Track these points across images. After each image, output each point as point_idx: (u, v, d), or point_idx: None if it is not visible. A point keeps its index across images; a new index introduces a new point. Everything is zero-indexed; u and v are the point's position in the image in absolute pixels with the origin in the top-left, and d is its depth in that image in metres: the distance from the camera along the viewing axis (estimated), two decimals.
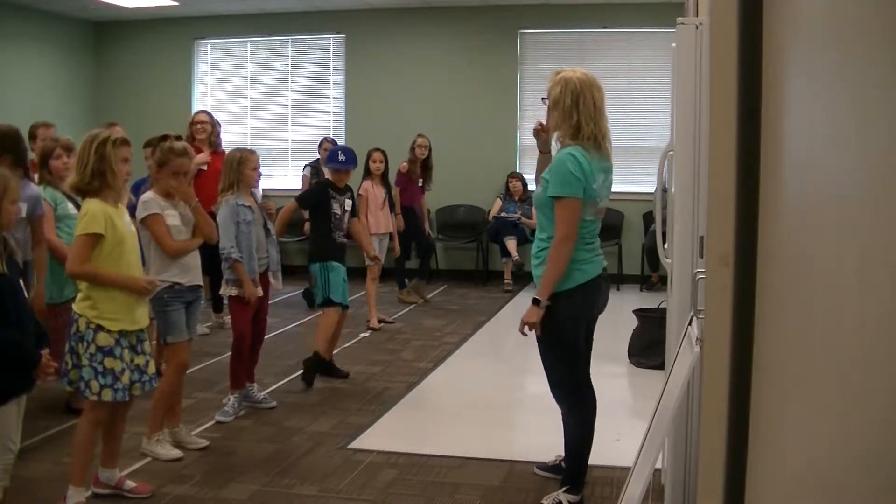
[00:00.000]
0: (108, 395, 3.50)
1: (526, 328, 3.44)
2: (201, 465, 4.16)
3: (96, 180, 3.52)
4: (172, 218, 4.20)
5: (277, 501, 3.76)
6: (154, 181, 4.35)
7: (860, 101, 0.95)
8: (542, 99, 3.63)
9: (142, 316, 3.68)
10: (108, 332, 3.51)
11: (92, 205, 3.51)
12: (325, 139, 8.99)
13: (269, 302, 5.31)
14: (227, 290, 4.87)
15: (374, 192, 7.43)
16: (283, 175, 10.42)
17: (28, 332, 3.22)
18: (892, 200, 0.83)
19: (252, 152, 4.99)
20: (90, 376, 3.49)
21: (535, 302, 3.41)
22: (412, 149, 8.40)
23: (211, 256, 6.88)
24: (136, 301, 3.65)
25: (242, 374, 4.97)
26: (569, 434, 3.68)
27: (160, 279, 4.06)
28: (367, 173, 7.52)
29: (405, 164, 8.31)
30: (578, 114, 3.43)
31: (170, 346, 4.32)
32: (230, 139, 10.04)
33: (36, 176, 4.92)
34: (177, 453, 4.20)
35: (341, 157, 5.84)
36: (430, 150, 8.45)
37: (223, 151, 7.31)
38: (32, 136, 5.71)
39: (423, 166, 8.43)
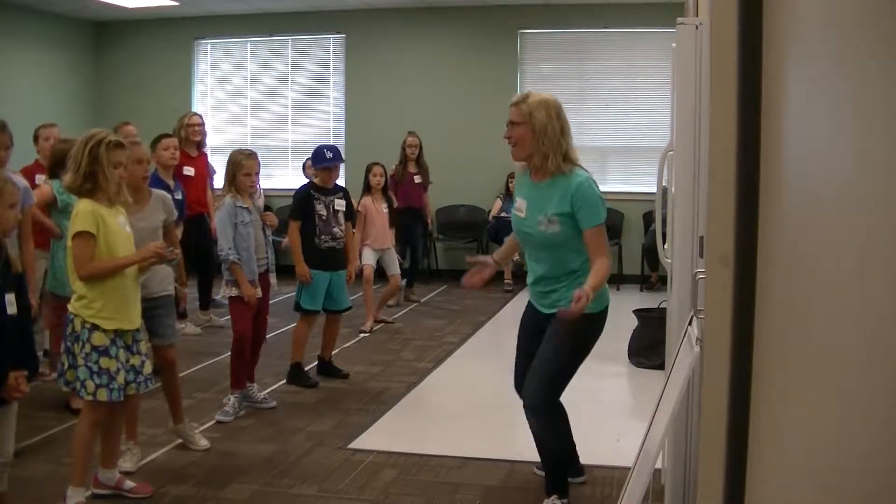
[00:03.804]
0: (103, 395, 3.48)
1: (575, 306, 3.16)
2: (201, 465, 4.16)
3: (88, 182, 3.48)
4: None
5: (277, 501, 3.76)
6: None
7: (860, 100, 0.95)
8: (510, 124, 3.43)
9: (137, 316, 3.66)
10: (104, 331, 3.49)
11: (82, 204, 3.49)
12: (309, 159, 8.88)
13: (270, 302, 5.31)
14: (227, 292, 4.88)
15: (373, 208, 7.18)
16: (283, 175, 10.42)
17: (3, 347, 3.18)
18: (892, 200, 0.83)
19: (249, 157, 4.88)
20: (85, 376, 3.46)
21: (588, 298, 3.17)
22: (402, 148, 8.39)
23: (200, 257, 6.92)
24: (132, 300, 3.62)
25: (243, 375, 4.97)
26: (548, 444, 3.61)
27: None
28: (367, 188, 7.28)
29: (393, 167, 8.29)
30: (566, 139, 3.40)
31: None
32: (230, 139, 10.09)
33: (43, 177, 4.98)
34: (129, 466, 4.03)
35: (328, 155, 5.60)
36: (420, 148, 8.42)
37: (205, 153, 7.44)
38: (36, 137, 5.73)
39: (417, 164, 8.42)
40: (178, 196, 5.64)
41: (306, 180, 8.75)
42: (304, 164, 8.94)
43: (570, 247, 3.41)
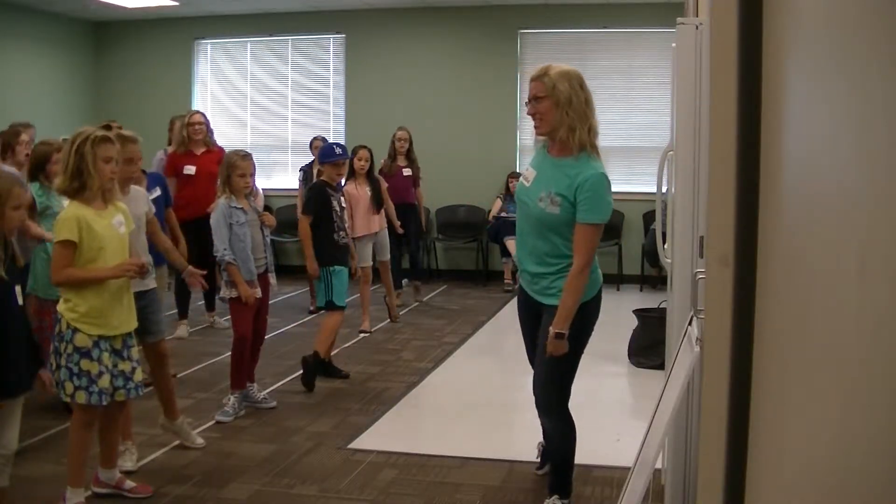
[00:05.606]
0: (81, 398, 3.41)
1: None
2: (201, 465, 4.16)
3: (75, 181, 3.39)
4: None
5: (277, 501, 3.76)
6: None
7: (860, 100, 0.95)
8: (528, 102, 3.32)
9: (125, 321, 3.56)
10: (87, 334, 3.43)
11: (67, 210, 3.43)
12: (316, 138, 8.74)
13: (270, 302, 5.31)
14: (226, 292, 4.87)
15: (356, 194, 6.98)
16: (283, 175, 10.42)
17: (14, 340, 3.19)
18: (893, 200, 0.83)
19: (244, 158, 4.84)
20: (65, 377, 3.41)
21: (560, 336, 3.23)
22: (392, 142, 8.35)
23: (202, 257, 6.87)
24: (119, 305, 3.53)
25: (243, 375, 4.97)
26: (556, 443, 3.60)
27: None
28: (351, 173, 7.02)
29: (381, 161, 8.22)
30: (591, 111, 3.28)
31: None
32: (230, 139, 10.08)
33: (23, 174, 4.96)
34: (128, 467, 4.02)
35: (338, 150, 5.70)
36: (410, 142, 8.37)
37: (219, 149, 7.25)
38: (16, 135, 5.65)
39: (408, 158, 8.39)
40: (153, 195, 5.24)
41: (300, 183, 8.71)
42: (310, 143, 8.79)
43: (562, 235, 3.30)
